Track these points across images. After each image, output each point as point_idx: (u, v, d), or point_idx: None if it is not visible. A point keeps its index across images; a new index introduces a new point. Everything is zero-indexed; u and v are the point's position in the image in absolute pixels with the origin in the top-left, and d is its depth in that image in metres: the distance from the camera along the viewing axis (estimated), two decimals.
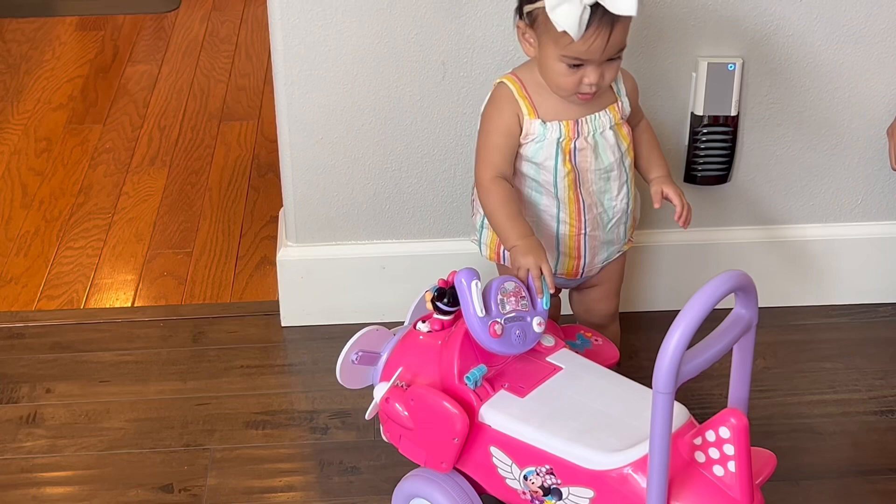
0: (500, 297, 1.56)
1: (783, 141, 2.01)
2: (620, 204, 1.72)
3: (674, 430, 1.45)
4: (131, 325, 2.13)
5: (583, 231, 1.72)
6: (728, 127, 1.97)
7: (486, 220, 1.74)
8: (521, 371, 1.60)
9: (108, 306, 2.19)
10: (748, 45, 1.93)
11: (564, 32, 1.56)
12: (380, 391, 1.62)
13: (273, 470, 1.82)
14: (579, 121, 1.66)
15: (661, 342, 1.32)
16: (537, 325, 1.58)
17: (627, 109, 1.71)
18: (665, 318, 1.39)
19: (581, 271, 1.77)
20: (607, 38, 1.57)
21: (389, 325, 1.73)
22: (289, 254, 2.07)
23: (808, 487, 1.75)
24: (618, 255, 1.79)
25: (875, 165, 2.04)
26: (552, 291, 1.61)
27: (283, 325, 2.11)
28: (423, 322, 1.65)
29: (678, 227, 1.74)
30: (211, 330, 2.11)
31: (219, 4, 3.37)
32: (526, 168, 1.69)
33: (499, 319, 1.55)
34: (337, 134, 1.96)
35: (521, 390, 1.57)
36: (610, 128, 1.68)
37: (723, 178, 2.01)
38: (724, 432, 1.37)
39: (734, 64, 1.92)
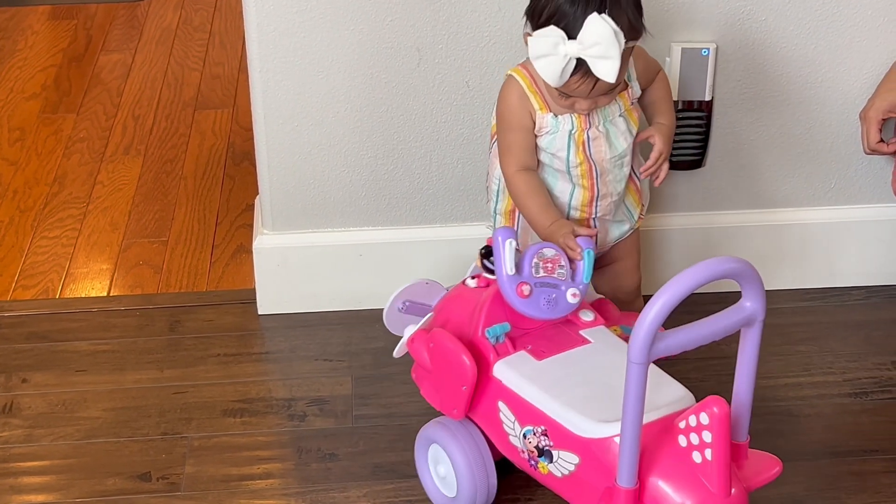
0: (535, 260, 1.59)
1: (756, 126, 2.02)
2: (626, 185, 1.74)
3: (674, 411, 1.47)
4: (107, 315, 2.12)
5: (593, 216, 1.74)
6: (702, 112, 1.97)
7: (499, 208, 1.78)
8: (548, 337, 1.63)
9: (83, 296, 2.19)
10: (721, 30, 1.94)
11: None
12: (409, 331, 1.68)
13: (251, 457, 1.82)
14: (590, 111, 1.67)
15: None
16: (571, 296, 1.60)
17: (638, 93, 1.72)
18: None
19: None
20: (592, 85, 1.59)
21: (366, 312, 1.74)
22: (265, 242, 2.07)
23: (783, 469, 1.76)
24: (630, 232, 1.80)
25: (848, 149, 2.05)
26: (591, 238, 1.62)
27: (259, 313, 2.11)
28: (473, 279, 1.69)
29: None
30: (187, 319, 2.11)
31: None
32: (542, 156, 1.71)
33: (529, 281, 1.58)
34: (312, 121, 1.96)
35: (541, 354, 1.60)
36: (620, 115, 1.69)
37: (697, 163, 2.02)
38: (704, 418, 1.38)
39: (708, 49, 1.92)
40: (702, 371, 1.89)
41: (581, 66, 1.57)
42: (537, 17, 1.59)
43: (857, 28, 1.95)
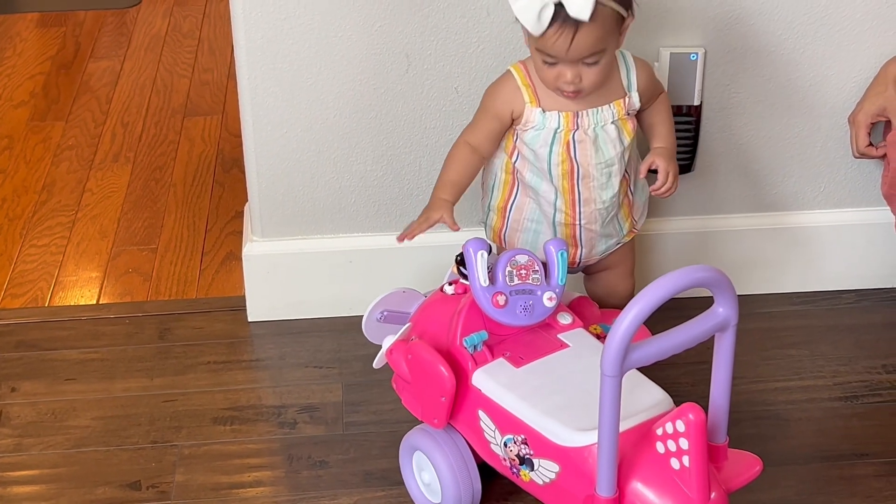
0: (508, 268, 1.60)
1: (746, 130, 2.02)
2: (617, 198, 1.74)
3: (652, 416, 1.47)
4: (96, 323, 2.12)
5: (577, 222, 1.74)
6: (691, 116, 1.97)
7: (492, 204, 1.79)
8: (526, 343, 1.63)
9: (72, 304, 2.18)
10: (710, 34, 1.94)
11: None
12: (387, 342, 1.67)
13: (241, 465, 1.81)
14: (580, 113, 1.68)
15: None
16: (548, 299, 1.61)
17: (636, 105, 1.72)
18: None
19: (578, 260, 1.80)
20: (570, 39, 1.59)
21: (356, 319, 1.73)
22: (254, 249, 2.06)
23: (774, 473, 1.76)
24: (618, 246, 1.80)
25: (838, 153, 2.05)
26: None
27: (249, 320, 2.11)
28: (450, 285, 1.69)
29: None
30: (177, 326, 2.10)
31: None
32: (526, 153, 1.72)
33: (503, 291, 1.58)
34: (301, 128, 1.96)
35: (519, 361, 1.61)
36: (612, 122, 1.69)
37: (686, 168, 2.02)
38: (680, 426, 1.38)
39: (696, 53, 1.92)
40: (692, 375, 1.89)
41: (559, 14, 1.57)
42: None
43: (845, 32, 1.95)
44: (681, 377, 1.89)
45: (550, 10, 1.57)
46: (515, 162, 1.73)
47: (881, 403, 1.92)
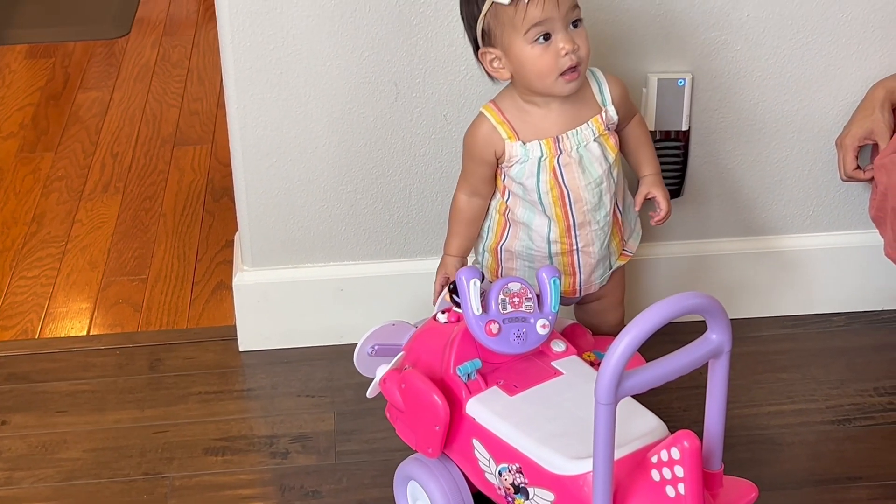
0: (501, 297, 1.59)
1: (734, 154, 2.03)
2: (611, 216, 1.74)
3: (647, 443, 1.47)
4: (87, 354, 2.11)
5: (574, 247, 1.74)
6: (679, 141, 1.98)
7: (486, 245, 1.79)
8: (520, 371, 1.62)
9: (63, 335, 2.17)
10: (697, 60, 1.95)
11: (515, 8, 1.58)
12: (381, 372, 1.67)
13: (233, 496, 1.81)
14: (559, 137, 1.68)
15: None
16: (541, 327, 1.60)
17: (614, 118, 1.72)
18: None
19: (579, 289, 1.80)
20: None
21: (348, 347, 1.73)
22: (245, 278, 2.06)
23: (768, 498, 1.76)
24: (611, 270, 1.81)
25: (825, 177, 2.05)
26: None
27: (240, 349, 2.10)
28: (443, 314, 1.69)
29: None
30: (168, 357, 2.10)
31: (170, 29, 3.36)
32: (515, 188, 1.72)
33: (496, 319, 1.58)
34: (291, 157, 1.96)
35: (513, 389, 1.60)
36: (594, 140, 1.70)
37: (675, 193, 2.03)
38: (675, 453, 1.37)
39: (684, 79, 1.93)
40: (684, 401, 1.89)
41: None
42: None
43: (831, 56, 1.96)
44: (673, 402, 1.89)
45: None
46: (507, 200, 1.73)
47: (873, 426, 1.92)
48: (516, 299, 1.60)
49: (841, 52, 1.96)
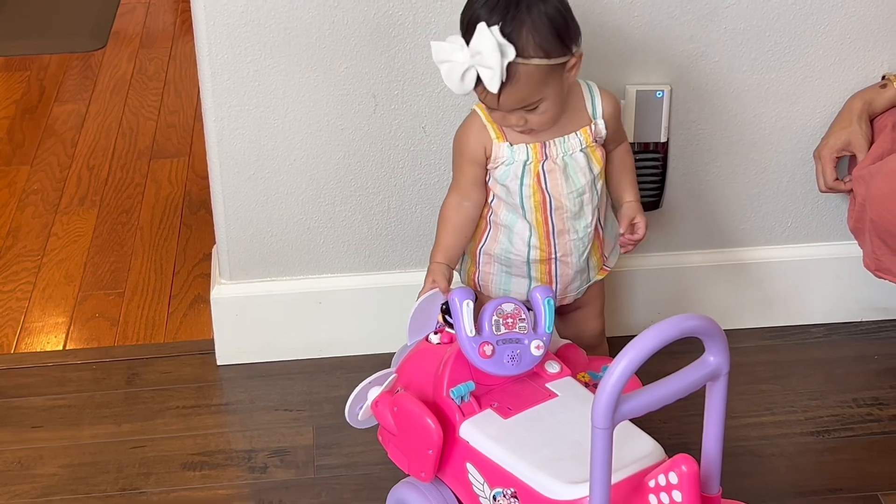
0: (494, 318, 1.57)
1: (712, 166, 2.03)
2: (592, 228, 1.74)
3: (644, 467, 1.45)
4: (63, 369, 2.09)
5: (553, 256, 1.73)
6: (658, 153, 1.98)
7: (467, 248, 1.78)
8: (514, 393, 1.60)
9: (38, 350, 2.15)
10: (676, 71, 1.95)
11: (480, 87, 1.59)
12: (373, 394, 1.64)
13: None
14: (547, 143, 1.68)
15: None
16: (535, 348, 1.58)
17: (602, 132, 1.72)
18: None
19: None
20: (496, 99, 1.60)
21: (327, 361, 1.72)
22: (223, 291, 2.05)
23: None
24: (588, 284, 1.80)
25: (803, 188, 2.06)
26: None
27: (218, 363, 2.09)
28: (436, 334, 1.67)
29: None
30: (145, 371, 2.08)
31: (146, 42, 3.35)
32: (499, 190, 1.71)
33: (490, 340, 1.56)
34: (268, 169, 1.95)
35: (507, 412, 1.57)
36: (581, 150, 1.69)
37: (654, 205, 2.03)
38: (673, 477, 1.35)
39: (662, 91, 1.93)
40: (678, 421, 1.88)
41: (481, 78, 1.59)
42: (462, 28, 1.62)
43: (809, 69, 1.97)
44: (668, 423, 1.87)
45: (473, 74, 1.58)
46: (492, 202, 1.73)
47: (853, 437, 1.92)
48: (510, 320, 1.58)
49: (818, 64, 1.96)
